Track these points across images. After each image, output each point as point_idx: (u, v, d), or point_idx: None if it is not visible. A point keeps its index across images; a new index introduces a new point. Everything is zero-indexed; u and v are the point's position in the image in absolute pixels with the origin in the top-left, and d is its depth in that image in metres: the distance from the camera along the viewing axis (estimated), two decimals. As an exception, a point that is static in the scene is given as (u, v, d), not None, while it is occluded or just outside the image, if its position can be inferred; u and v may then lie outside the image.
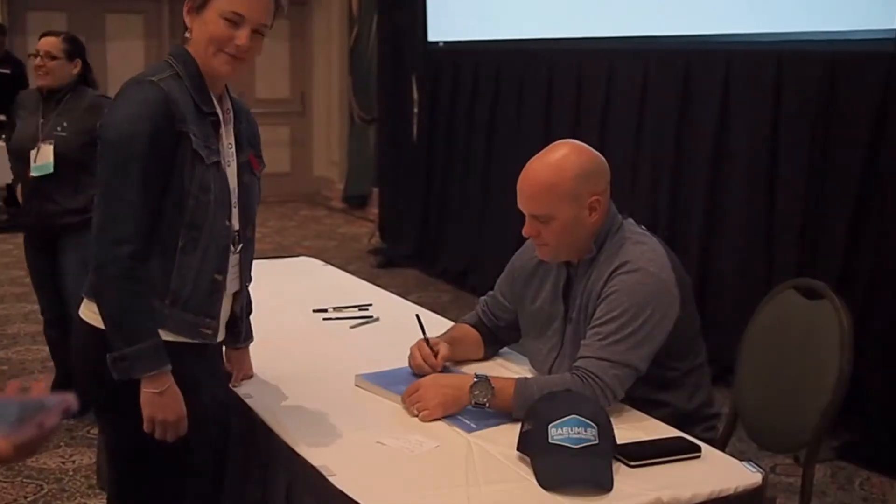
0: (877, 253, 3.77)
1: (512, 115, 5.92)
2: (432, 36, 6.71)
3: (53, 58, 3.63)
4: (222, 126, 1.97)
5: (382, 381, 2.19)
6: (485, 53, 6.23)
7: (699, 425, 2.18)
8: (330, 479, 1.71)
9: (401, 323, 2.74)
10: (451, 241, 6.60)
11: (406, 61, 7.05)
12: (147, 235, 1.85)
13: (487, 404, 1.96)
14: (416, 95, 7.02)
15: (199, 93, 1.91)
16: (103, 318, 1.86)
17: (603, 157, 2.14)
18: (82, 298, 1.96)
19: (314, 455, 1.80)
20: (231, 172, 1.98)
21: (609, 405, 1.96)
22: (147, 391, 1.84)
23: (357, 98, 8.68)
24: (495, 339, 2.42)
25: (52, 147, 3.57)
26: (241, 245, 2.01)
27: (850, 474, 3.52)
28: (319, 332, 2.66)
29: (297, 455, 1.83)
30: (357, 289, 3.17)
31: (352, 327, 2.70)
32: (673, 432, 1.95)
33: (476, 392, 1.97)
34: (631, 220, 2.19)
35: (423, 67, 6.86)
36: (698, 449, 1.85)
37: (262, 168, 2.10)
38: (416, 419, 1.99)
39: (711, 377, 2.27)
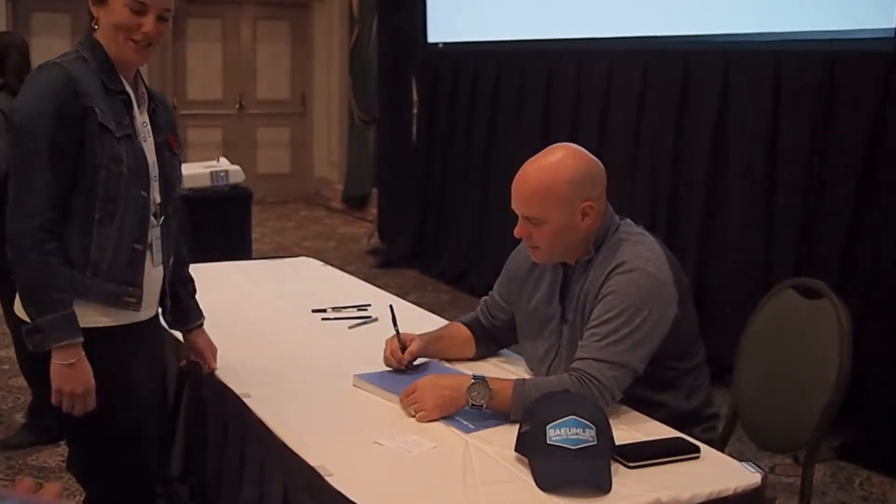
0: (876, 252, 3.76)
1: (511, 116, 5.92)
2: (432, 37, 6.71)
3: None
4: (135, 106, 2.03)
5: (380, 381, 2.18)
6: (484, 54, 6.23)
7: (698, 426, 2.17)
8: (327, 479, 1.70)
9: (399, 324, 2.74)
10: (450, 241, 6.60)
11: (406, 63, 7.05)
12: (60, 208, 1.91)
13: (485, 406, 1.95)
14: (415, 96, 7.02)
15: (106, 74, 1.98)
16: (19, 291, 1.93)
17: (599, 162, 2.13)
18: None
19: (312, 455, 1.80)
20: (148, 147, 2.04)
21: (607, 406, 1.95)
22: (56, 363, 1.90)
23: (357, 99, 8.68)
24: (492, 338, 2.41)
25: None
26: (162, 218, 2.07)
27: (850, 474, 3.52)
28: (318, 333, 2.65)
29: (295, 455, 1.82)
30: (356, 289, 3.16)
31: (350, 328, 2.70)
32: (672, 433, 1.95)
33: (473, 394, 1.95)
34: (629, 221, 2.18)
35: (422, 69, 6.86)
36: (697, 449, 1.85)
37: (181, 149, 2.17)
38: (414, 420, 1.98)
39: (710, 377, 2.26)
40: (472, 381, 1.97)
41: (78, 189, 1.93)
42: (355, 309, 2.83)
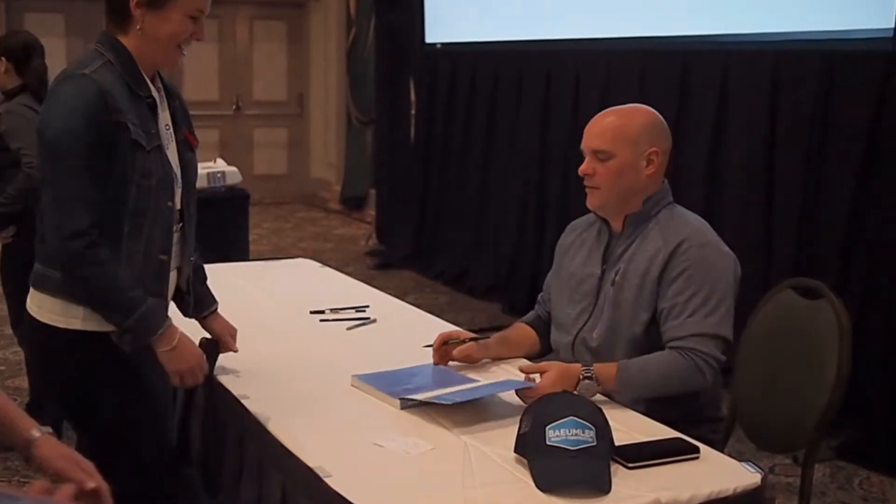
0: (875, 252, 3.76)
1: (510, 117, 5.92)
2: (430, 37, 6.70)
3: None
4: (159, 108, 2.00)
5: (379, 382, 2.17)
6: (482, 55, 6.22)
7: (706, 425, 2.20)
8: (326, 480, 1.70)
9: (398, 325, 2.74)
10: (449, 242, 6.59)
11: (403, 63, 7.05)
12: (99, 222, 1.89)
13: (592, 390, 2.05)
14: (413, 97, 7.01)
15: (133, 78, 1.93)
16: (92, 308, 1.92)
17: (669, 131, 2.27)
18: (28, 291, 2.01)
19: (310, 456, 1.79)
20: (172, 153, 2.02)
21: (712, 377, 2.08)
22: (161, 351, 1.92)
23: (354, 100, 8.68)
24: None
25: None
26: (181, 223, 2.06)
27: (850, 474, 3.52)
28: (316, 334, 2.65)
29: (293, 456, 1.82)
30: (354, 290, 3.16)
31: (349, 329, 2.69)
32: (671, 433, 1.94)
33: (583, 390, 2.04)
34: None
35: (420, 69, 6.85)
36: (697, 450, 1.84)
37: (197, 144, 2.14)
38: (413, 421, 1.98)
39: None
40: (581, 378, 2.05)
41: (107, 205, 1.89)
42: (353, 310, 2.83)
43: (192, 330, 2.13)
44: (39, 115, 1.97)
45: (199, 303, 2.24)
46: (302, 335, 2.64)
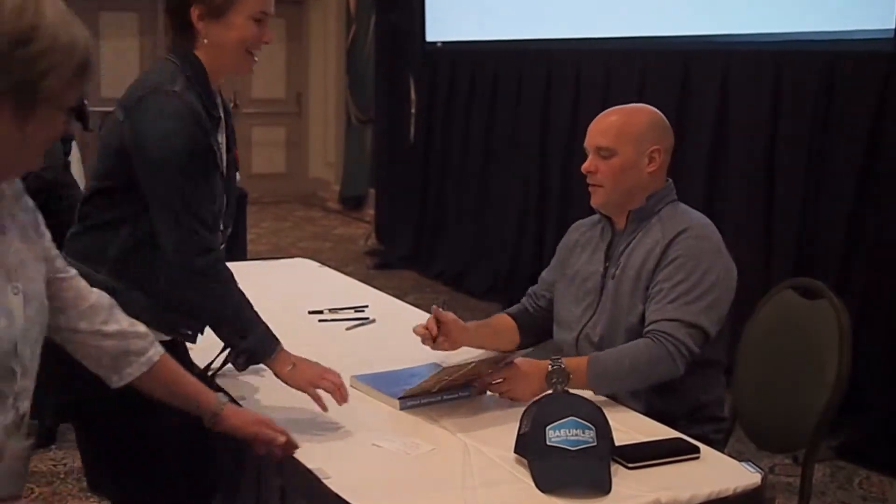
0: (875, 252, 3.76)
1: (510, 116, 5.91)
2: (430, 36, 6.70)
3: None
4: (221, 125, 1.98)
5: (378, 383, 2.17)
6: (483, 54, 6.22)
7: (710, 424, 2.20)
8: (325, 481, 1.70)
9: (397, 325, 2.73)
10: (448, 242, 6.59)
11: (403, 61, 7.04)
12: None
13: (564, 384, 1.99)
14: (413, 96, 7.01)
15: (207, 96, 1.92)
16: (212, 326, 1.92)
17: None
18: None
19: (309, 457, 1.79)
20: (226, 173, 2.00)
21: (683, 366, 2.04)
22: (281, 372, 1.92)
23: (354, 98, 8.67)
24: (536, 327, 2.43)
25: None
26: (223, 244, 2.06)
27: (850, 473, 3.52)
28: (315, 334, 2.64)
29: (292, 457, 1.81)
30: (353, 290, 3.15)
31: (348, 329, 2.69)
32: (671, 433, 1.94)
33: (553, 380, 1.99)
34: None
35: (420, 68, 6.85)
36: (697, 450, 1.84)
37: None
38: (412, 421, 1.98)
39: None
40: (550, 367, 1.99)
41: None
42: (353, 310, 2.82)
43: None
44: (125, 128, 1.87)
45: None
46: (300, 335, 2.62)
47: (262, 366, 2.28)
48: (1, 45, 1.24)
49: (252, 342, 1.90)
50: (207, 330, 2.08)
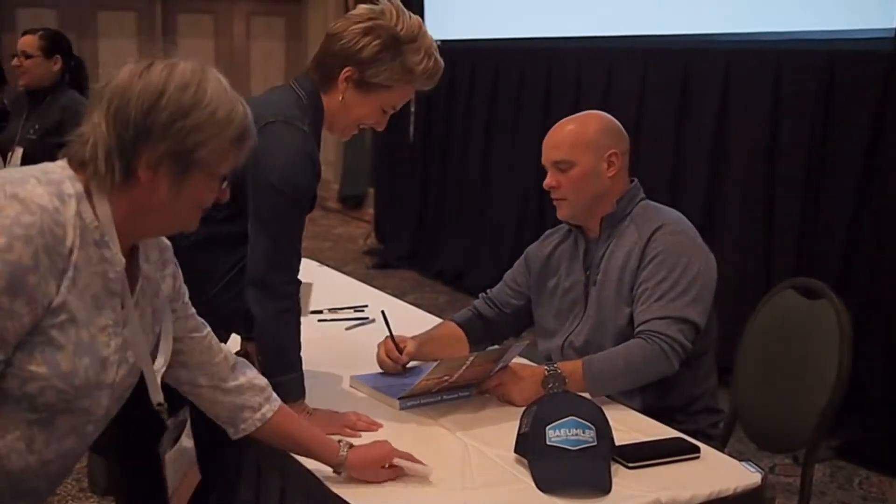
0: (876, 252, 3.76)
1: (509, 115, 5.91)
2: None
3: (29, 56, 3.58)
4: None
5: (378, 383, 2.17)
6: (483, 52, 6.21)
7: (707, 418, 2.21)
8: (325, 482, 1.70)
9: (397, 325, 2.72)
10: (448, 242, 6.59)
11: (403, 61, 7.02)
12: None
13: (562, 389, 2.03)
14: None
15: (317, 142, 1.99)
16: (264, 348, 1.93)
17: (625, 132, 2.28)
18: None
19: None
20: None
21: (678, 363, 2.04)
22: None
23: (353, 98, 8.66)
24: (488, 333, 2.42)
25: (21, 151, 3.51)
26: None
27: (850, 473, 3.52)
28: (315, 334, 2.62)
29: (292, 458, 1.81)
30: (353, 290, 3.15)
31: (347, 329, 2.69)
32: (671, 433, 1.94)
33: (549, 385, 2.04)
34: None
35: (419, 67, 6.83)
36: (697, 449, 1.84)
37: None
38: (412, 421, 1.98)
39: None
40: (546, 373, 2.04)
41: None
42: (352, 310, 2.82)
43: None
44: (253, 150, 1.93)
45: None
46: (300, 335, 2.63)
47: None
48: (162, 117, 1.37)
49: (286, 380, 1.91)
50: None
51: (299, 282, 1.94)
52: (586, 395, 2.00)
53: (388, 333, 2.27)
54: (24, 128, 3.55)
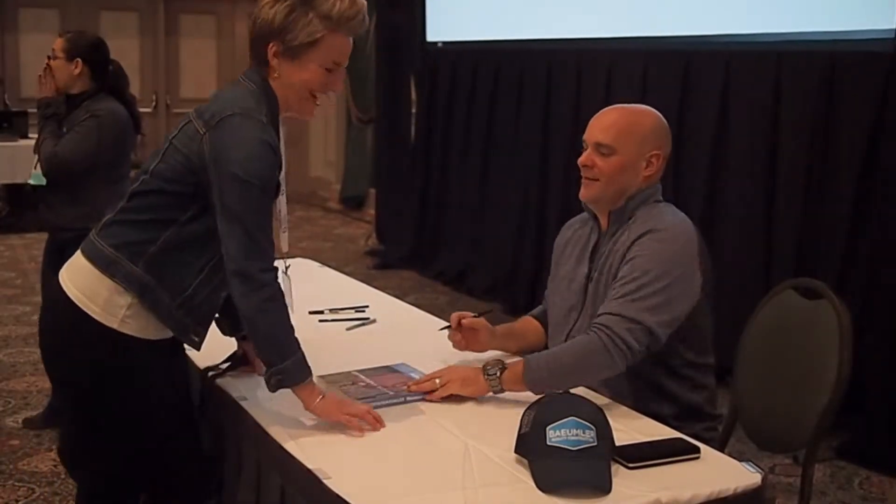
0: (876, 252, 3.76)
1: (510, 116, 5.91)
2: (431, 36, 6.69)
3: (55, 57, 3.57)
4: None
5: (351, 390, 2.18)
6: (484, 53, 6.22)
7: (701, 423, 2.20)
8: (325, 482, 1.70)
9: (397, 325, 2.73)
10: (449, 242, 6.59)
11: (404, 61, 7.04)
12: None
13: (499, 374, 2.05)
14: (414, 96, 7.00)
15: (275, 127, 1.99)
16: (259, 340, 1.95)
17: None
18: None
19: (309, 458, 1.79)
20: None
21: (622, 362, 2.02)
22: (311, 402, 1.95)
23: (354, 98, 8.66)
24: None
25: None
26: None
27: (850, 474, 3.52)
28: (315, 334, 2.63)
29: (292, 458, 1.81)
30: (354, 290, 3.15)
31: (348, 329, 2.69)
32: (672, 433, 1.94)
33: (488, 367, 2.06)
34: (673, 206, 2.26)
35: (421, 68, 6.84)
36: (697, 450, 1.84)
37: None
38: (413, 421, 1.98)
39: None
40: (485, 375, 2.07)
41: (216, 234, 1.93)
42: (353, 310, 2.82)
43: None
44: (206, 140, 1.93)
45: (238, 322, 2.19)
46: (301, 336, 2.61)
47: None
48: None
49: (289, 365, 1.93)
50: (209, 334, 2.12)
51: (276, 268, 1.96)
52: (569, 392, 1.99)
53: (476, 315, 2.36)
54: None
